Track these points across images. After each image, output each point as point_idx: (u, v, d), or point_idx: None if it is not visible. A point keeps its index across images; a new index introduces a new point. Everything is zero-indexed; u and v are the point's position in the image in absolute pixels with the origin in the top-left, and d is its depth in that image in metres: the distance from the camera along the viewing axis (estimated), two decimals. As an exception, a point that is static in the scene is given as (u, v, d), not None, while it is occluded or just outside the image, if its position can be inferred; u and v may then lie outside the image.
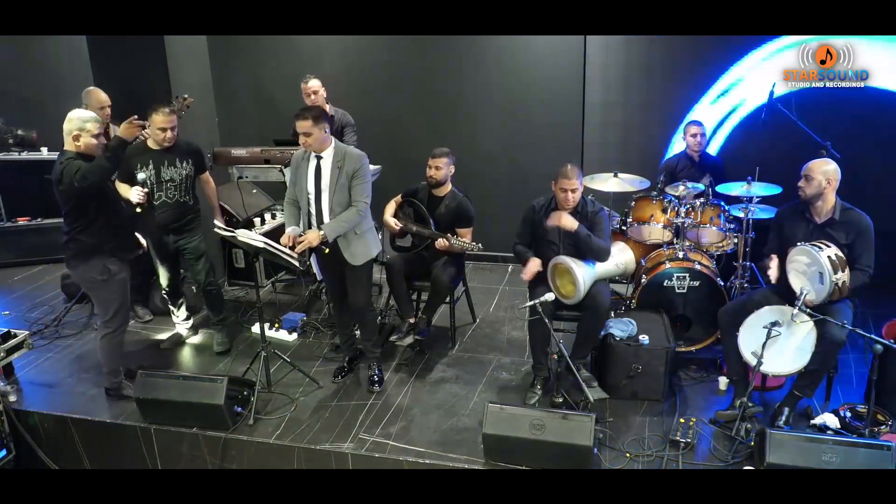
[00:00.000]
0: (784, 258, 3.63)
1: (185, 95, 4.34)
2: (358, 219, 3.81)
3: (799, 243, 3.49)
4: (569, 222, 3.77)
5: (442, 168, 4.30)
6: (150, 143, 4.19)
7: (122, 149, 3.74)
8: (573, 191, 3.79)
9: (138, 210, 4.05)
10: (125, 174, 4.17)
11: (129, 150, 4.19)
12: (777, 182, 4.37)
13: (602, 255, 3.87)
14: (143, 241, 4.28)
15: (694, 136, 4.97)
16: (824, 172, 3.50)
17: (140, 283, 5.04)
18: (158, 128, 4.07)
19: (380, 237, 4.27)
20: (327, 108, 5.26)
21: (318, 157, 3.80)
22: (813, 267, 3.42)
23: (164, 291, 4.63)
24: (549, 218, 3.84)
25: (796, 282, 3.50)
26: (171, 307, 4.71)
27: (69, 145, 3.66)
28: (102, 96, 4.57)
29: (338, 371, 4.29)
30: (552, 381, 3.61)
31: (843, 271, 3.35)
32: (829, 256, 3.34)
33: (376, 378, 4.13)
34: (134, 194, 4.03)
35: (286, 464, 3.65)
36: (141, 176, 4.07)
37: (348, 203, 3.80)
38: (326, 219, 3.82)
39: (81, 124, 3.63)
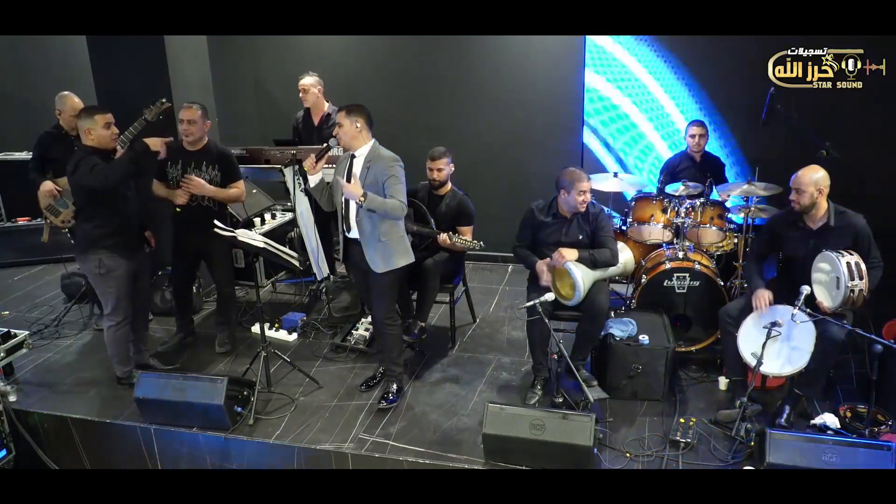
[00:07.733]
0: (767, 263, 3.74)
1: (163, 100, 4.28)
2: (398, 210, 3.61)
3: (823, 250, 3.50)
4: (571, 254, 3.78)
5: (444, 169, 4.33)
6: (185, 144, 4.25)
7: (146, 157, 3.81)
8: (588, 192, 3.83)
9: (178, 210, 4.20)
10: (159, 172, 4.27)
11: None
12: (777, 182, 4.37)
13: (611, 262, 3.89)
14: (152, 240, 4.30)
15: (694, 136, 4.96)
16: (815, 183, 3.50)
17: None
18: (178, 120, 4.19)
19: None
20: (325, 106, 5.27)
21: (353, 156, 3.72)
22: (832, 273, 3.43)
23: (169, 289, 4.64)
24: (554, 256, 3.81)
25: (819, 291, 3.51)
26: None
27: (84, 140, 3.78)
28: (76, 101, 4.49)
29: (369, 380, 4.15)
30: (552, 381, 3.61)
31: (860, 279, 3.36)
32: (847, 263, 3.36)
33: (390, 397, 3.92)
34: (179, 196, 4.18)
35: (286, 464, 3.66)
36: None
37: None
38: (352, 219, 3.69)
39: (90, 121, 3.74)
